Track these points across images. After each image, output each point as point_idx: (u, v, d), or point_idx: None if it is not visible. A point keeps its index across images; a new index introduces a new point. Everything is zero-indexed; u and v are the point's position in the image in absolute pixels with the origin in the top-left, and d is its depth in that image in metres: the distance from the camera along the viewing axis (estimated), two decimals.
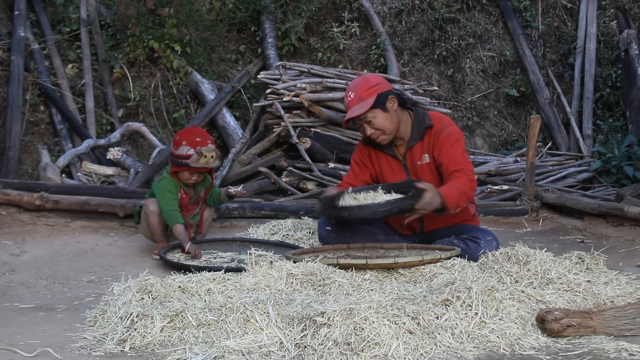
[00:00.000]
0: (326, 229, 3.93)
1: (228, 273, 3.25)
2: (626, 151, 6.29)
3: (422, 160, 3.83)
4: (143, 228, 4.18)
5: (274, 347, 2.46)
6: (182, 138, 4.04)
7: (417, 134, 3.82)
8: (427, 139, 3.81)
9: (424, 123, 3.81)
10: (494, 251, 3.54)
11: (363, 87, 3.74)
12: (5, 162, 5.88)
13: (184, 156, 4.00)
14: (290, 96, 6.10)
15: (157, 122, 6.70)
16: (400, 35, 7.41)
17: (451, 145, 3.74)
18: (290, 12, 7.27)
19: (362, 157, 4.00)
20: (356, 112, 3.71)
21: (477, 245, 3.62)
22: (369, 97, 3.71)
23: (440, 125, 3.80)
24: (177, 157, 4.03)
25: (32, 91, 6.37)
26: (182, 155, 4.00)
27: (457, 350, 2.51)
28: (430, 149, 3.80)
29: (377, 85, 3.75)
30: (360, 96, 3.72)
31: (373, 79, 3.82)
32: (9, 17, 6.74)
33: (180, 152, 4.01)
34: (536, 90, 7.20)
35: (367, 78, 3.83)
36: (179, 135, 4.09)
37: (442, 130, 3.77)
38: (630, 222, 4.54)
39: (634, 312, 2.71)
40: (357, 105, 3.72)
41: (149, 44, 6.59)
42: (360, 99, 3.72)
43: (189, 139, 4.03)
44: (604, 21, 7.43)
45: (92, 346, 2.57)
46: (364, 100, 3.71)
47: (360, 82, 3.78)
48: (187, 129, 4.24)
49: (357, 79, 3.88)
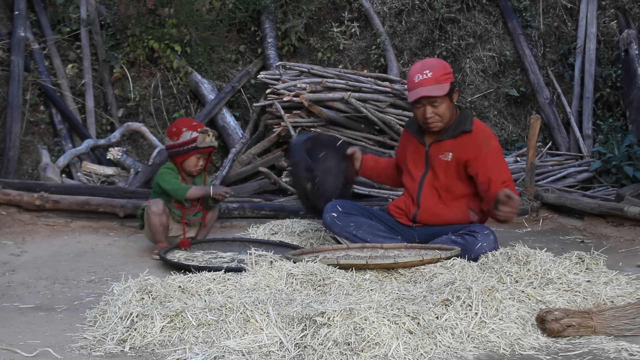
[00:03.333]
0: (332, 215, 3.94)
1: (228, 273, 3.25)
2: (626, 151, 6.29)
3: (444, 156, 3.87)
4: (147, 231, 4.17)
5: (274, 347, 2.46)
6: (179, 126, 4.09)
7: (453, 132, 3.87)
8: (460, 141, 3.85)
9: (463, 125, 3.86)
10: (493, 251, 3.54)
11: (441, 70, 3.78)
12: (5, 162, 5.88)
13: (190, 140, 4.05)
14: (290, 96, 6.10)
15: (157, 122, 6.70)
16: (400, 35, 7.41)
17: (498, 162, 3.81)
18: (290, 12, 7.27)
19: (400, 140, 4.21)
20: (433, 92, 3.74)
21: (475, 239, 3.64)
22: (445, 82, 3.77)
23: (482, 136, 3.85)
24: (182, 145, 4.06)
25: (32, 91, 6.37)
26: (187, 140, 4.05)
27: (457, 350, 2.51)
28: (459, 151, 3.84)
29: (451, 73, 3.82)
30: (437, 78, 3.75)
31: (448, 65, 3.88)
32: (9, 17, 6.74)
33: (183, 138, 4.05)
34: (536, 90, 7.19)
35: (444, 63, 3.89)
36: (174, 127, 4.11)
37: (484, 143, 3.82)
38: (630, 222, 4.54)
39: (634, 312, 2.71)
40: (434, 86, 3.74)
41: (149, 44, 6.59)
42: (436, 80, 3.75)
43: (186, 124, 4.09)
44: (604, 21, 7.42)
45: (92, 346, 2.57)
46: (440, 84, 3.75)
47: (438, 65, 3.82)
48: (176, 121, 4.24)
49: (433, 60, 3.92)
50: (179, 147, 4.07)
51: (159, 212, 4.03)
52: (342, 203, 4.04)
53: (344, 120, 6.29)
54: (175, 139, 4.08)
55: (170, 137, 4.10)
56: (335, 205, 3.98)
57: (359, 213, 4.01)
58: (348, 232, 3.87)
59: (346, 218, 3.91)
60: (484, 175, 3.79)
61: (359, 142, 6.30)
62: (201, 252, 4.04)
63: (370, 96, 6.40)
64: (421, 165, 3.95)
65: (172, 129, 4.12)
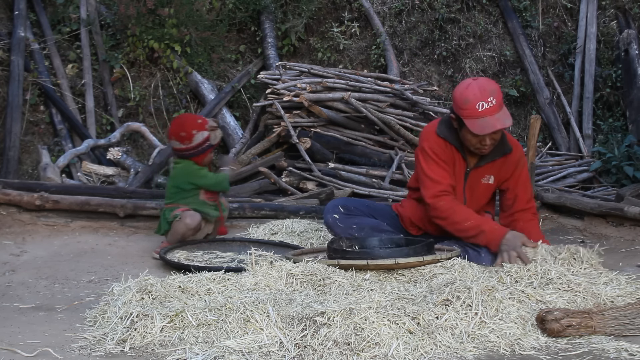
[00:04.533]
0: (333, 216, 3.86)
1: (228, 273, 3.25)
2: (626, 151, 6.29)
3: (486, 179, 3.69)
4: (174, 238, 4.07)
5: (274, 347, 2.46)
6: (187, 129, 4.07)
7: (494, 154, 3.63)
8: (500, 162, 3.67)
9: (504, 146, 3.64)
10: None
11: (500, 94, 3.47)
12: (5, 162, 5.87)
13: (204, 140, 4.10)
14: (290, 96, 6.10)
15: (157, 122, 6.70)
16: (400, 35, 7.41)
17: (527, 178, 3.73)
18: (290, 12, 7.27)
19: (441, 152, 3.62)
20: (507, 122, 3.44)
21: (478, 254, 3.58)
22: (504, 107, 3.48)
23: (518, 154, 3.70)
24: (198, 146, 4.08)
25: (32, 91, 6.37)
26: (202, 140, 4.09)
27: (457, 350, 2.51)
28: (500, 173, 3.69)
29: None
30: (501, 104, 3.45)
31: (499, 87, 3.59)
32: (9, 17, 6.74)
33: (196, 140, 4.08)
34: (536, 90, 7.19)
35: (496, 84, 3.54)
36: (183, 131, 4.07)
37: (520, 161, 3.71)
38: (630, 222, 4.54)
39: (634, 312, 2.71)
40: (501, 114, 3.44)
41: (149, 44, 6.59)
42: (501, 107, 3.45)
43: (194, 126, 4.11)
44: (604, 21, 7.42)
45: (92, 346, 2.57)
46: (504, 110, 3.47)
47: (496, 88, 3.48)
48: (178, 123, 4.21)
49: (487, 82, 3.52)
50: (194, 150, 4.09)
51: (194, 225, 4.01)
52: (345, 202, 3.97)
53: (344, 120, 6.29)
54: (188, 142, 4.07)
55: (181, 141, 4.07)
56: (337, 206, 3.89)
57: (361, 213, 3.90)
58: (350, 235, 3.75)
59: (348, 219, 3.84)
60: (512, 192, 3.71)
61: (359, 142, 6.30)
62: (201, 252, 4.03)
63: (370, 96, 6.40)
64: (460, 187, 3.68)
65: (180, 132, 4.07)
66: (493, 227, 3.55)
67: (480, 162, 3.65)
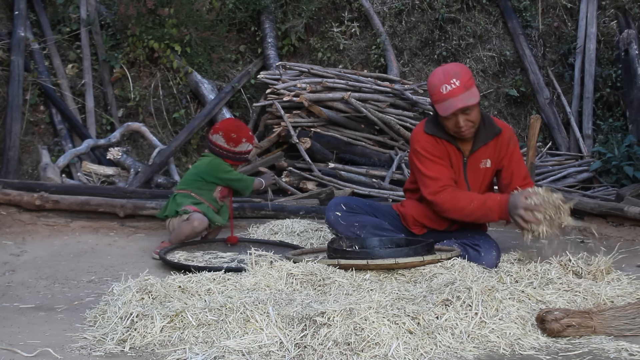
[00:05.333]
0: (336, 213, 3.85)
1: (228, 273, 3.25)
2: (626, 151, 6.29)
3: (483, 164, 3.72)
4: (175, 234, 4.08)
5: (274, 347, 2.46)
6: (240, 135, 4.19)
7: (485, 137, 3.69)
8: (492, 144, 3.71)
9: (492, 127, 3.70)
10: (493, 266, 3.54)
11: (465, 75, 3.52)
12: (5, 162, 5.88)
13: (245, 152, 4.24)
14: (290, 96, 6.10)
15: (157, 122, 6.70)
16: (400, 35, 7.41)
17: (519, 158, 3.75)
18: (290, 12, 7.27)
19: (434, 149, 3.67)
20: (470, 101, 3.47)
21: (478, 254, 3.58)
22: (472, 87, 3.52)
23: (508, 134, 3.74)
24: (237, 153, 4.20)
25: (32, 91, 6.37)
26: (243, 151, 4.22)
27: (457, 350, 2.51)
28: (494, 155, 3.72)
29: (472, 77, 3.60)
30: (465, 85, 3.49)
31: (468, 69, 3.65)
32: (9, 17, 6.74)
33: (241, 148, 4.20)
34: (536, 90, 7.20)
35: (464, 67, 3.64)
36: (235, 133, 4.18)
37: (511, 140, 3.73)
38: (630, 222, 4.55)
39: (634, 312, 2.71)
40: (466, 94, 3.48)
41: (149, 44, 6.59)
42: (465, 87, 3.49)
43: (246, 135, 4.22)
44: (604, 21, 7.42)
45: (92, 346, 2.57)
46: (470, 90, 3.50)
47: (461, 70, 3.54)
48: (235, 125, 4.29)
49: (452, 66, 3.61)
50: (232, 154, 4.19)
51: (200, 229, 4.04)
52: (347, 200, 3.97)
53: (344, 120, 6.29)
54: (232, 145, 4.17)
55: (227, 140, 4.17)
56: (340, 204, 3.89)
57: (363, 211, 3.90)
58: (352, 232, 3.77)
59: (350, 217, 3.84)
60: (507, 171, 3.73)
61: (359, 142, 6.30)
62: (201, 252, 4.04)
63: (370, 96, 6.40)
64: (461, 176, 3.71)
65: (232, 133, 4.17)
66: (495, 200, 3.55)
67: (474, 147, 3.69)
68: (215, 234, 4.35)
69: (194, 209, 4.07)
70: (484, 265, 3.49)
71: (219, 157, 4.20)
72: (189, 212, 4.05)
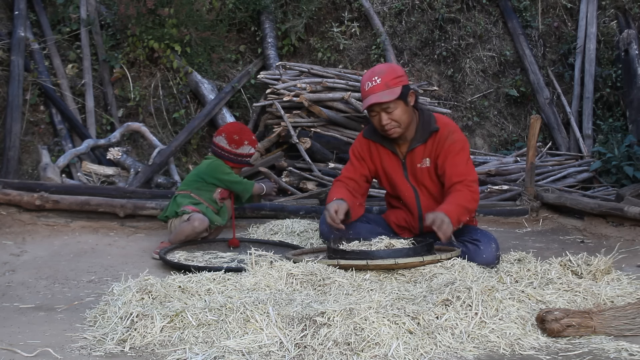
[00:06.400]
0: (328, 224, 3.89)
1: (228, 273, 3.25)
2: (626, 151, 6.29)
3: (422, 164, 3.76)
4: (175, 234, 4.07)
5: (274, 347, 2.46)
6: (242, 137, 4.20)
7: (421, 136, 3.74)
8: (430, 143, 3.74)
9: (429, 126, 3.73)
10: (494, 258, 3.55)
11: (390, 74, 3.62)
12: (5, 162, 5.88)
13: (247, 155, 4.24)
14: (290, 96, 6.10)
15: (157, 122, 6.70)
16: (400, 35, 7.41)
17: (455, 154, 3.67)
18: (290, 12, 7.27)
19: (361, 151, 3.89)
20: (383, 98, 3.58)
21: (477, 248, 3.59)
22: (395, 87, 3.60)
23: (446, 131, 3.72)
24: (238, 156, 4.21)
25: (32, 91, 6.37)
26: (245, 154, 4.23)
27: (457, 350, 2.51)
28: (432, 153, 3.74)
29: (402, 77, 3.67)
30: (387, 83, 3.59)
31: (399, 69, 3.74)
32: (9, 17, 6.74)
33: (242, 151, 4.21)
34: (536, 90, 7.20)
35: (393, 67, 3.76)
36: (237, 135, 4.20)
37: (448, 137, 3.70)
38: (630, 222, 4.55)
39: (634, 312, 2.71)
40: (384, 92, 3.59)
41: (149, 44, 6.59)
42: (386, 85, 3.59)
43: (249, 138, 4.22)
44: (604, 21, 7.43)
45: (92, 346, 2.57)
46: (391, 89, 3.59)
47: (387, 69, 3.67)
48: (238, 127, 4.32)
49: (382, 66, 3.78)
50: (233, 155, 4.20)
51: (201, 230, 4.04)
52: None
53: (344, 120, 6.29)
54: (234, 146, 4.19)
55: (229, 142, 4.19)
56: None
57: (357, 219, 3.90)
58: None
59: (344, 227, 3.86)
60: (441, 168, 3.70)
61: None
62: (201, 252, 4.04)
63: None
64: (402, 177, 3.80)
65: (234, 135, 4.19)
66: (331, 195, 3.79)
67: (410, 147, 3.77)
68: (216, 235, 4.35)
69: (193, 209, 4.08)
70: (485, 258, 3.51)
71: (221, 158, 4.22)
72: (189, 213, 4.06)
